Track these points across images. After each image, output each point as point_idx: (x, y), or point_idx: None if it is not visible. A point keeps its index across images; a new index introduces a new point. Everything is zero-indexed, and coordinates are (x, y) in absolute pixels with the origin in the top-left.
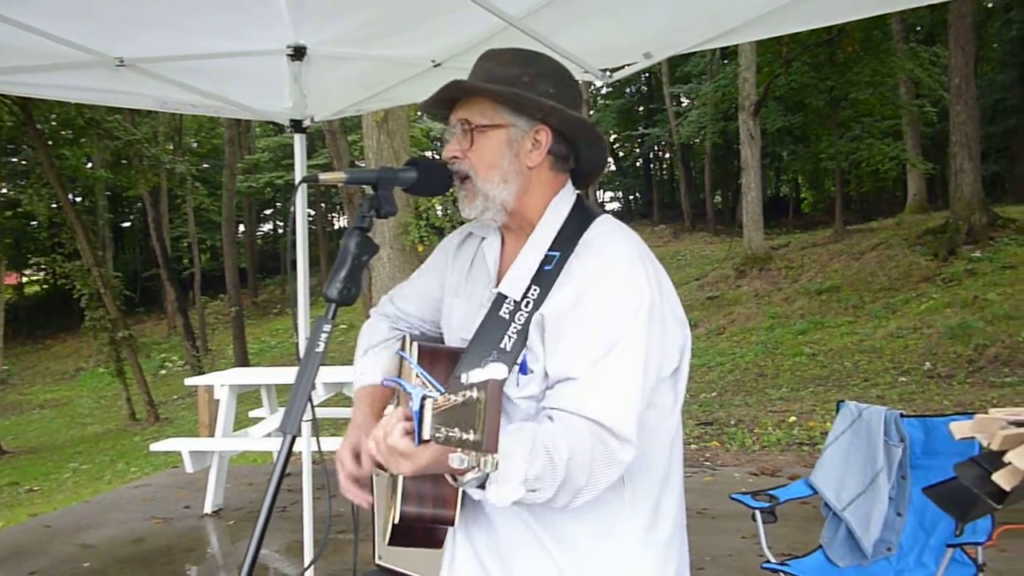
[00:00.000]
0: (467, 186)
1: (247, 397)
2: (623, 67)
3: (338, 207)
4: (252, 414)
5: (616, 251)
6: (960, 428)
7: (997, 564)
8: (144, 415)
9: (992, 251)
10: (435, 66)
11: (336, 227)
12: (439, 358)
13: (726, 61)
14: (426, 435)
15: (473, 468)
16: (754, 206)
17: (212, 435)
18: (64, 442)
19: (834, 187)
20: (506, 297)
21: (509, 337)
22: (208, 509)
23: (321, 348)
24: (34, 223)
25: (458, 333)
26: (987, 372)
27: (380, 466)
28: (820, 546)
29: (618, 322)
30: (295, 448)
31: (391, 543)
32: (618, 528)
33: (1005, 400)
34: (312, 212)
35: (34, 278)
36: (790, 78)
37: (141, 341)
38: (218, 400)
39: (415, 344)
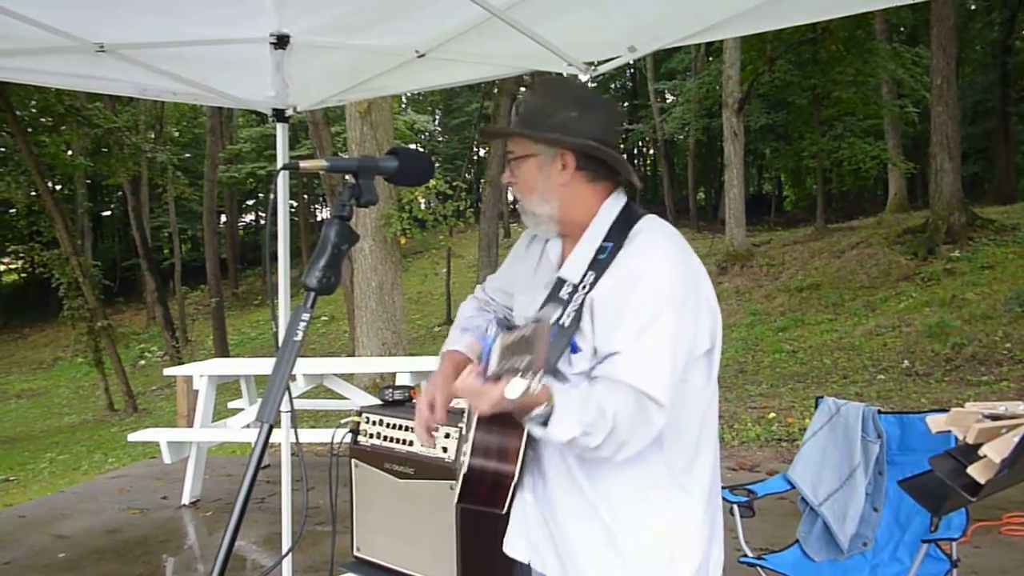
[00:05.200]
0: (519, 206)
1: (226, 388)
2: (607, 60)
3: (321, 198)
4: (231, 405)
5: (656, 245)
6: (936, 421)
7: (971, 560)
8: (122, 405)
9: (971, 251)
10: (419, 56)
11: (318, 219)
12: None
13: (711, 58)
14: (492, 370)
15: (526, 388)
16: (736, 203)
17: (190, 426)
18: (41, 432)
19: (816, 185)
20: (565, 280)
21: (568, 315)
22: (185, 500)
23: (299, 337)
24: (12, 211)
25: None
26: (964, 371)
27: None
28: (797, 540)
29: (654, 305)
30: (274, 439)
31: (460, 501)
32: (654, 488)
33: (981, 399)
34: (294, 203)
35: (11, 266)
36: (774, 76)
37: (120, 331)
38: (197, 390)
39: (495, 322)
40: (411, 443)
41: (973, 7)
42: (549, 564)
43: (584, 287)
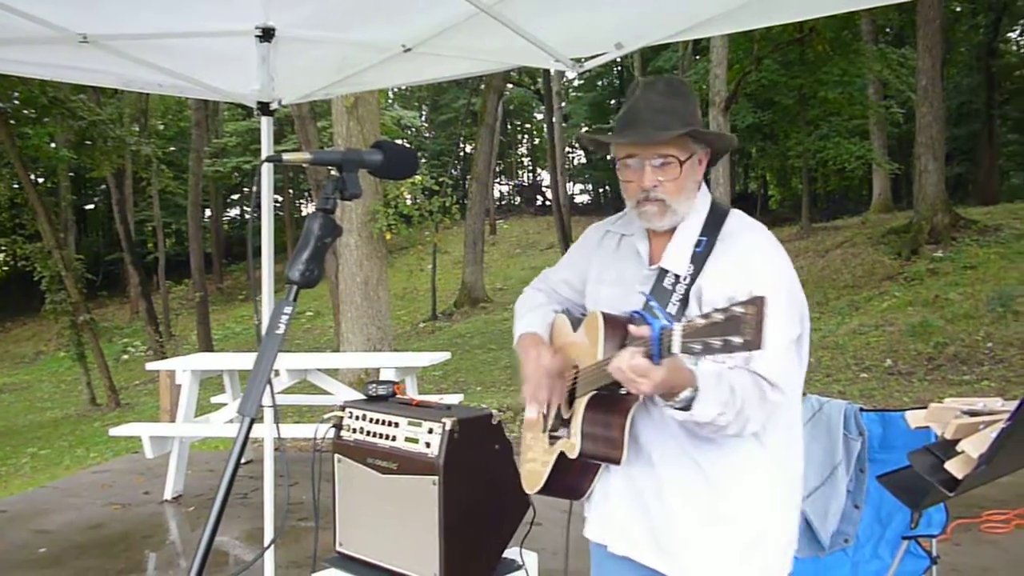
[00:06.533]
0: (660, 206)
1: (209, 383)
2: (594, 57)
3: (306, 193)
4: (214, 400)
5: (759, 240)
6: (916, 417)
7: (950, 557)
8: (105, 400)
9: (954, 251)
10: (405, 51)
11: (304, 213)
12: (618, 324)
13: (697, 57)
14: (675, 349)
15: (735, 366)
16: (722, 202)
17: (173, 421)
18: (22, 427)
19: (801, 185)
20: (667, 272)
21: (673, 304)
22: (168, 495)
23: (281, 330)
24: None
25: (608, 311)
26: (946, 370)
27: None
28: None
29: (768, 292)
30: (257, 434)
31: (543, 491)
32: (759, 464)
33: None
34: (279, 198)
35: None
36: (760, 75)
37: (103, 325)
38: (180, 385)
39: (600, 314)
40: (394, 438)
41: (959, 9)
42: (640, 543)
43: (686, 277)
